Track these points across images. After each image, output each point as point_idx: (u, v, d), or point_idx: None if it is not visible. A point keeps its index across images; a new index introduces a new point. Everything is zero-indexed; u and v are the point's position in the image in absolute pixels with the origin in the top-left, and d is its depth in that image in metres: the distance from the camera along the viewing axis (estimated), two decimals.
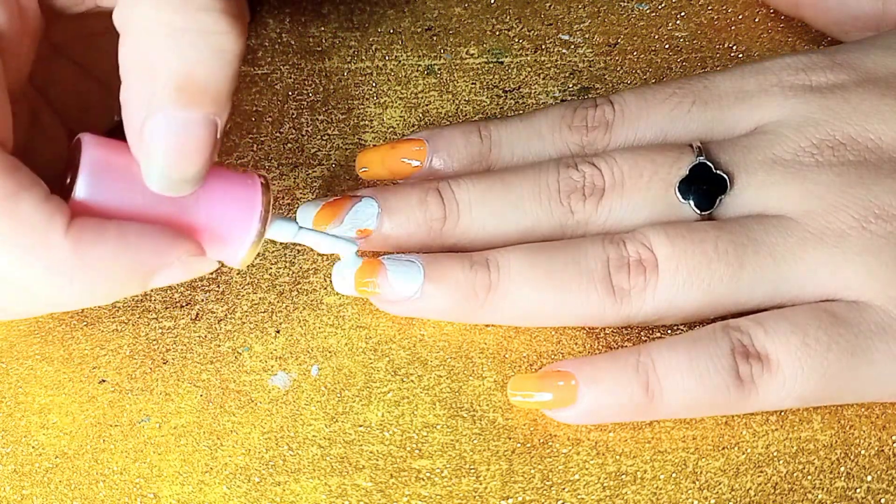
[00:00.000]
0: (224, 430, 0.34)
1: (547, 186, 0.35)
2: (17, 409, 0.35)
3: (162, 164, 0.29)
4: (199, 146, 0.29)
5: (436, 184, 0.36)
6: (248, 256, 0.32)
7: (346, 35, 0.42)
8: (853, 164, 0.34)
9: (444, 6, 0.43)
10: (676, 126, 0.36)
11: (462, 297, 0.34)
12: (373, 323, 0.36)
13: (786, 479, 0.33)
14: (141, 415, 0.34)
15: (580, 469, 0.33)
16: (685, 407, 0.32)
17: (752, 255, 0.33)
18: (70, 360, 0.36)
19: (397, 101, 0.41)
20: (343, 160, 0.39)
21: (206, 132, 0.29)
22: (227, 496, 0.33)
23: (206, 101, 0.29)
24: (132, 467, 0.33)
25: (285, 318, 0.36)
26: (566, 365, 0.33)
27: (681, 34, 0.42)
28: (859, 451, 0.33)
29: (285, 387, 0.35)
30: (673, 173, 0.34)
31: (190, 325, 0.36)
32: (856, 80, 0.35)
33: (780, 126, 0.35)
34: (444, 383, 0.35)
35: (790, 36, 0.42)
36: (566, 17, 0.43)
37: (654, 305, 0.34)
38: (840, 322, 0.32)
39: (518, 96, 0.41)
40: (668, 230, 0.34)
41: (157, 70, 0.28)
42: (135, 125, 0.29)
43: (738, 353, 0.32)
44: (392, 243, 0.36)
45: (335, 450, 0.34)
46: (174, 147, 0.29)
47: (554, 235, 0.35)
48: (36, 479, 0.33)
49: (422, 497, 0.33)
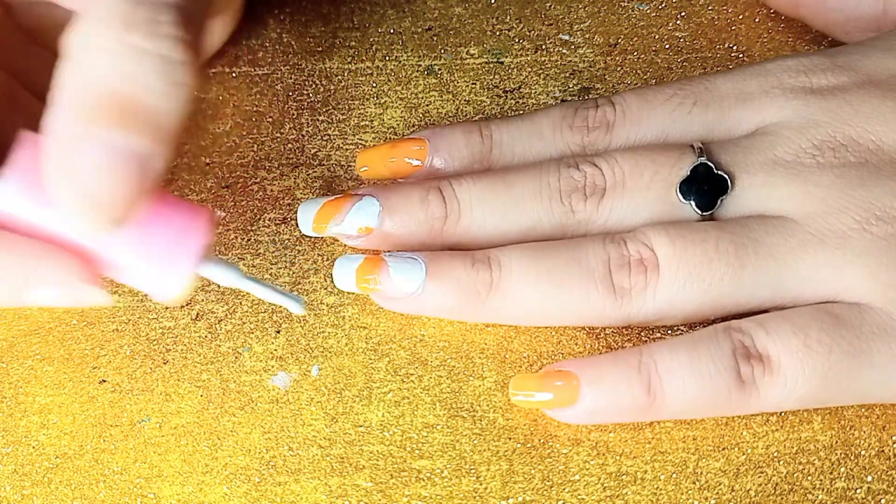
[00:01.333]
0: (224, 430, 0.34)
1: (548, 186, 0.35)
2: (17, 409, 0.35)
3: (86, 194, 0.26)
4: (131, 180, 0.26)
5: (437, 183, 0.36)
6: (176, 296, 0.29)
7: (346, 35, 0.42)
8: (854, 166, 0.34)
9: (444, 6, 0.43)
10: (677, 127, 0.36)
11: (463, 295, 0.34)
12: (373, 323, 0.36)
13: (786, 480, 0.33)
14: (141, 415, 0.34)
15: (580, 469, 0.33)
16: (686, 408, 0.32)
17: (753, 255, 0.33)
18: (70, 360, 0.36)
19: (398, 101, 0.41)
20: (343, 160, 0.39)
21: (141, 166, 0.26)
22: (227, 496, 0.33)
23: (149, 132, 0.26)
24: (132, 467, 0.33)
25: (285, 318, 0.36)
26: (568, 365, 0.33)
27: (681, 34, 0.42)
28: (859, 452, 0.33)
29: (285, 387, 0.35)
30: (674, 173, 0.34)
31: (190, 325, 0.36)
32: (856, 81, 0.35)
33: (781, 127, 0.35)
34: (444, 383, 0.35)
35: (790, 36, 0.42)
36: (566, 17, 0.43)
37: (654, 305, 0.34)
38: (841, 324, 0.32)
39: (518, 96, 0.41)
40: (669, 230, 0.34)
41: (101, 88, 0.26)
42: (63, 143, 0.26)
43: (740, 354, 0.32)
44: (393, 242, 0.36)
45: (335, 450, 0.34)
46: (105, 174, 0.26)
47: (555, 235, 0.35)
48: (36, 479, 0.33)
49: (422, 497, 0.33)
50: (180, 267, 0.29)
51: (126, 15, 0.26)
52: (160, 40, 0.26)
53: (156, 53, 0.26)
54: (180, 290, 0.29)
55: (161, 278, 0.29)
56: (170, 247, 0.29)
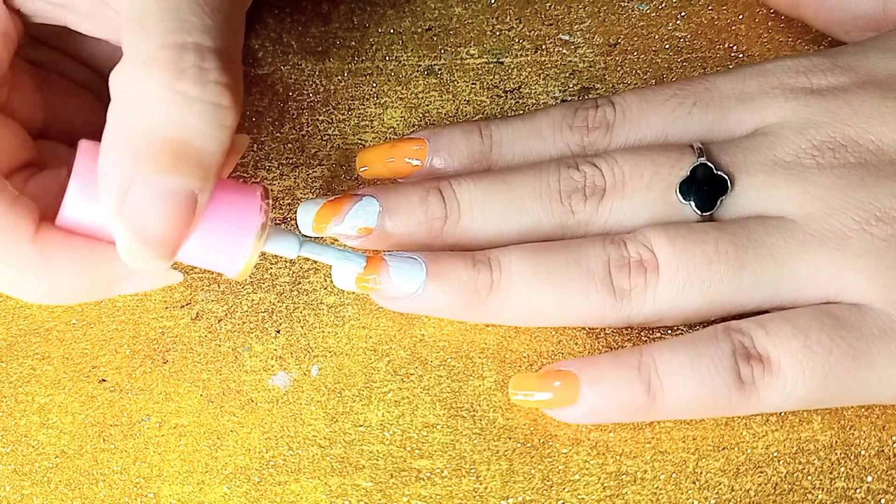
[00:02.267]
0: (224, 430, 0.34)
1: (548, 186, 0.35)
2: (17, 409, 0.35)
3: (142, 232, 0.28)
4: (182, 218, 0.28)
5: (437, 183, 0.36)
6: (244, 270, 0.31)
7: (346, 35, 0.42)
8: (854, 167, 0.34)
9: (444, 6, 0.43)
10: (677, 127, 0.36)
11: (463, 295, 0.34)
12: (373, 323, 0.36)
13: (786, 480, 0.33)
14: (141, 415, 0.34)
15: (580, 469, 0.33)
16: (686, 408, 0.32)
17: (753, 256, 0.33)
18: (70, 359, 0.36)
19: (397, 101, 0.41)
20: (343, 160, 0.39)
21: (190, 204, 0.28)
22: (227, 496, 0.33)
23: (198, 173, 0.28)
24: (132, 467, 0.33)
25: (285, 318, 0.36)
26: (568, 365, 0.33)
27: (681, 34, 0.42)
28: (859, 452, 0.33)
29: (285, 387, 0.35)
30: (674, 174, 0.34)
31: (190, 325, 0.36)
32: (856, 82, 0.35)
33: (781, 128, 0.35)
34: (444, 383, 0.35)
35: (790, 36, 0.42)
36: (566, 17, 0.43)
37: (654, 306, 0.34)
38: (841, 325, 0.32)
39: (518, 96, 0.41)
40: (668, 231, 0.34)
41: (154, 134, 0.27)
42: (116, 186, 0.28)
43: (740, 354, 0.32)
44: (393, 242, 0.36)
45: (335, 450, 0.34)
46: (159, 215, 0.28)
47: (554, 235, 0.35)
48: (36, 479, 0.33)
49: (422, 497, 0.33)
50: (240, 243, 0.30)
51: (174, 62, 0.27)
52: (208, 87, 0.28)
53: (205, 101, 0.28)
54: (244, 264, 0.31)
55: (223, 256, 0.31)
56: (228, 224, 0.30)
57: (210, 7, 0.29)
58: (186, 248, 0.30)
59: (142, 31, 0.28)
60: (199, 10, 0.28)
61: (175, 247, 0.29)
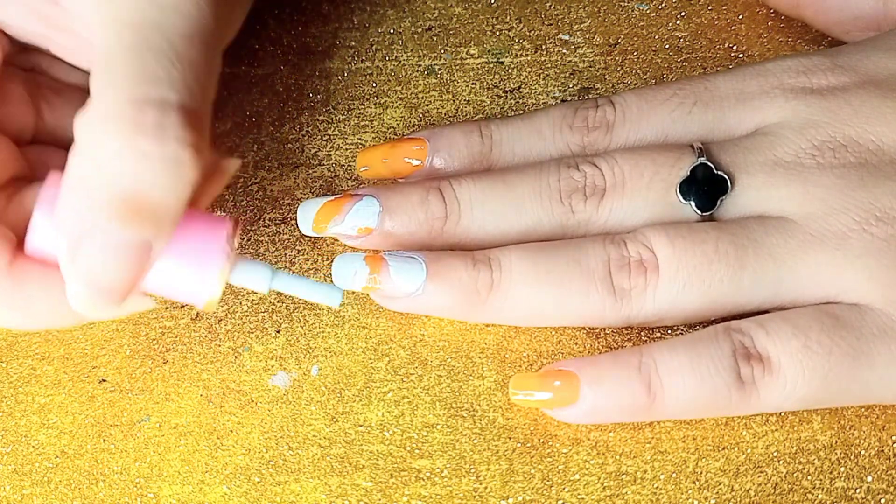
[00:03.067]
0: (224, 430, 0.34)
1: (548, 186, 0.35)
2: (17, 409, 0.35)
3: (93, 282, 0.28)
4: (135, 267, 0.28)
5: (437, 183, 0.36)
6: (211, 302, 0.30)
7: (346, 35, 0.42)
8: (854, 167, 0.34)
9: (444, 6, 0.43)
10: (677, 127, 0.36)
11: (464, 295, 0.34)
12: (373, 323, 0.36)
13: (786, 480, 0.33)
14: (141, 415, 0.34)
15: (580, 469, 0.33)
16: (686, 408, 0.32)
17: (753, 256, 0.33)
18: (70, 359, 0.36)
19: (397, 101, 0.41)
20: (343, 160, 0.39)
21: (144, 254, 0.28)
22: (227, 496, 0.33)
23: (154, 224, 0.28)
24: (132, 467, 0.33)
25: (285, 318, 0.36)
26: (568, 365, 0.33)
27: (681, 34, 0.42)
28: (859, 452, 0.33)
29: (285, 387, 0.35)
30: (674, 174, 0.34)
31: (190, 325, 0.36)
32: (857, 82, 0.35)
33: (781, 128, 0.35)
34: (444, 383, 0.35)
35: (790, 36, 0.42)
36: (566, 17, 0.43)
37: (654, 306, 0.34)
38: (841, 325, 0.32)
39: (518, 96, 0.41)
40: (668, 231, 0.34)
41: (109, 187, 0.27)
42: (70, 234, 0.28)
43: (740, 354, 0.32)
44: (393, 242, 0.36)
45: (335, 450, 0.34)
46: (111, 264, 0.28)
47: (554, 235, 0.35)
48: (36, 479, 0.33)
49: (422, 497, 0.33)
50: (207, 274, 0.30)
51: (133, 119, 0.27)
52: (167, 144, 0.27)
53: (164, 157, 0.27)
54: (210, 296, 0.30)
55: (188, 289, 0.30)
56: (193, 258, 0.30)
57: (177, 55, 0.28)
58: (152, 280, 0.30)
59: (107, 80, 0.28)
60: (166, 59, 0.28)
61: (125, 293, 0.29)
